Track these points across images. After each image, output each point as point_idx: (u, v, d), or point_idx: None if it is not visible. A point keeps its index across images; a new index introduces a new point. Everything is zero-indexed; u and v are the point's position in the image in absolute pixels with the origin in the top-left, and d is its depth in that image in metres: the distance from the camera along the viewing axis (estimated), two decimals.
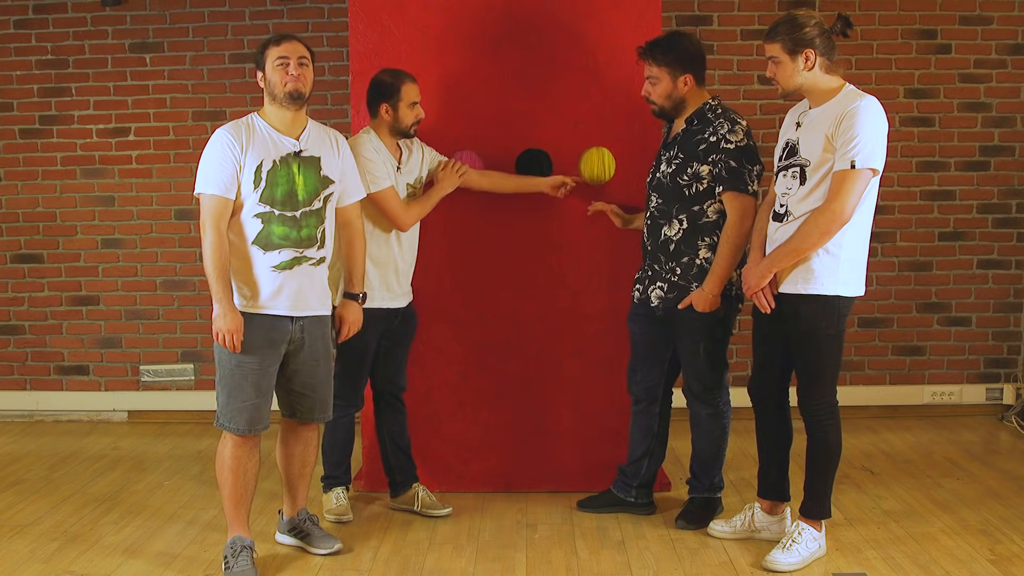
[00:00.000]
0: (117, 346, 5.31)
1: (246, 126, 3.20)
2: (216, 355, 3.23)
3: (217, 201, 3.11)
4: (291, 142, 3.23)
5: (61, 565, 3.39)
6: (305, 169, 3.24)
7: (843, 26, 3.17)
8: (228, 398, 3.20)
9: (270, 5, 5.10)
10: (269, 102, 3.24)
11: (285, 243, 3.19)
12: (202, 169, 3.16)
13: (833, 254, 3.15)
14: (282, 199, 3.18)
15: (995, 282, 5.20)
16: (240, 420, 3.20)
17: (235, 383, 3.18)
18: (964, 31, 5.05)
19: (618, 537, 3.60)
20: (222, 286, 3.10)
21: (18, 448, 4.86)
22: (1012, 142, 5.12)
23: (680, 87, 3.50)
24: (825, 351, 3.25)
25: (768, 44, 3.19)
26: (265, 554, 3.44)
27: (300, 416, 3.39)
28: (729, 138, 3.42)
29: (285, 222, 3.18)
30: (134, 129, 5.17)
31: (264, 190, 3.16)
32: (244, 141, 3.15)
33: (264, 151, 3.18)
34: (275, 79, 3.19)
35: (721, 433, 3.70)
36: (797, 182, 3.19)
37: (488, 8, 3.89)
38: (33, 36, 5.14)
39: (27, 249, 5.28)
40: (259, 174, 3.15)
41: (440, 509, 3.81)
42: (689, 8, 5.04)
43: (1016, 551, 3.42)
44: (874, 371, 5.24)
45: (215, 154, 3.14)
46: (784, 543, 3.33)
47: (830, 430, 3.29)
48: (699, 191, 3.48)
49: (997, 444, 4.80)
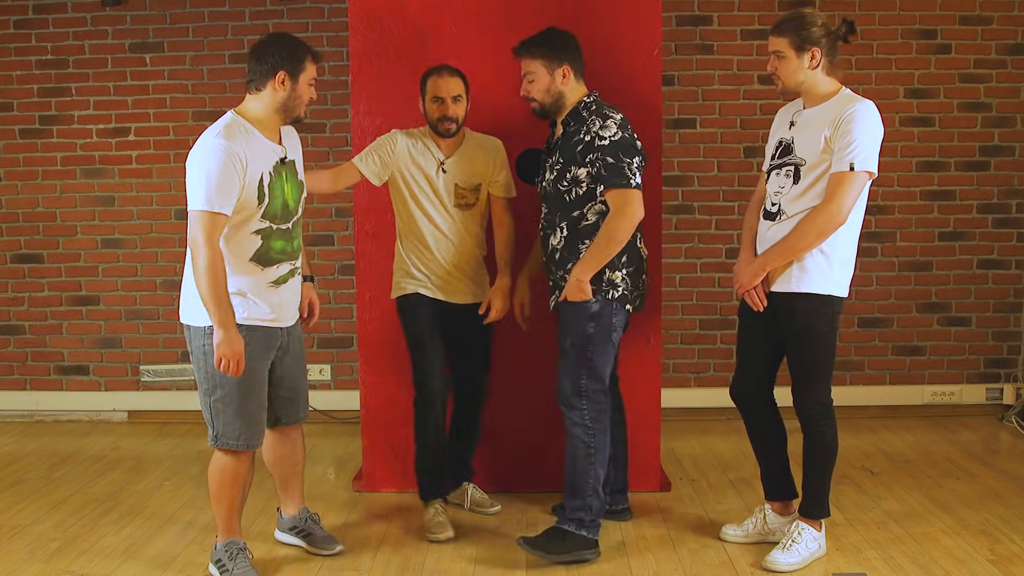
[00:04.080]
0: (117, 346, 5.31)
1: (242, 134, 2.97)
2: (211, 375, 3.04)
3: (219, 220, 2.90)
4: (278, 149, 3.08)
5: (61, 565, 3.39)
6: (290, 176, 3.11)
7: (847, 31, 3.17)
8: (235, 415, 3.06)
9: (270, 5, 5.10)
10: (271, 109, 3.05)
11: (283, 257, 3.10)
12: (204, 184, 2.88)
13: (827, 254, 3.16)
14: (280, 212, 3.06)
15: (995, 282, 5.20)
16: (248, 435, 3.10)
17: (242, 397, 3.06)
18: (964, 31, 5.05)
19: (618, 537, 3.60)
20: (223, 309, 2.92)
21: (18, 448, 4.86)
22: (1012, 142, 5.12)
23: (558, 80, 3.40)
24: (820, 350, 3.25)
25: (775, 38, 3.18)
26: (265, 554, 3.44)
27: (286, 421, 3.32)
28: (602, 134, 3.28)
29: (282, 235, 3.08)
30: (134, 129, 5.17)
31: (267, 205, 3.01)
32: (246, 154, 2.93)
33: (262, 162, 3.00)
34: (304, 97, 3.06)
35: (586, 454, 3.35)
36: (791, 181, 3.19)
37: (488, 8, 3.89)
38: (33, 36, 5.14)
39: (27, 249, 5.28)
40: (262, 189, 2.98)
41: (490, 507, 3.87)
42: (689, 8, 5.04)
43: (1016, 551, 3.42)
44: (874, 371, 5.24)
45: (220, 169, 2.88)
46: (784, 543, 3.33)
47: (826, 429, 3.29)
48: (579, 195, 3.34)
49: (997, 444, 4.80)
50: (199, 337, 3.05)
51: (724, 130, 5.07)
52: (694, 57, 5.06)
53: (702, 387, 5.20)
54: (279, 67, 3.02)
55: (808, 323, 3.22)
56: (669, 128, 4.99)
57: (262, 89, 3.05)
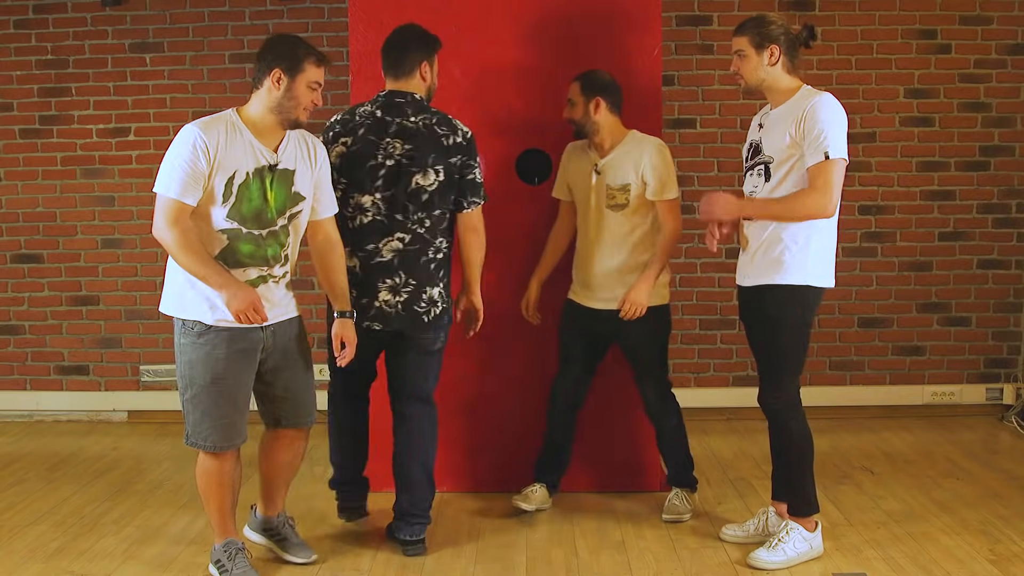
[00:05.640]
0: (117, 346, 5.31)
1: (226, 128, 2.94)
2: (184, 373, 3.04)
3: (178, 205, 2.87)
4: (269, 154, 3.00)
5: (61, 565, 3.39)
6: (278, 184, 3.01)
7: (808, 35, 3.25)
8: (203, 416, 3.03)
9: (270, 5, 5.10)
10: (265, 109, 3.00)
11: (251, 262, 3.01)
12: (166, 167, 2.89)
13: (802, 247, 3.17)
14: (251, 216, 2.97)
15: (995, 282, 5.20)
16: (216, 437, 3.05)
17: (211, 401, 3.02)
18: (964, 31, 5.05)
19: (618, 537, 3.60)
20: (214, 270, 2.90)
21: (18, 448, 4.86)
22: (1012, 142, 5.12)
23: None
24: (788, 342, 3.24)
25: (737, 38, 3.27)
26: (264, 554, 3.43)
27: (286, 423, 3.26)
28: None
29: (252, 240, 2.99)
30: (134, 129, 5.17)
31: (233, 206, 2.94)
32: (219, 145, 2.90)
33: (239, 161, 2.93)
34: (303, 100, 2.99)
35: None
36: (763, 179, 3.25)
37: (488, 9, 3.89)
38: (33, 36, 5.15)
39: (27, 249, 5.28)
40: (230, 187, 2.92)
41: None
42: (689, 8, 5.04)
43: (1016, 551, 3.42)
44: (874, 371, 5.24)
45: (182, 155, 2.88)
46: (770, 542, 3.32)
47: (792, 424, 3.28)
48: None
49: (997, 444, 4.80)
50: (178, 332, 3.05)
51: (724, 130, 5.08)
52: (694, 57, 5.06)
53: (702, 387, 5.20)
54: (275, 64, 2.98)
55: (778, 312, 3.22)
56: (669, 128, 4.98)
57: (259, 88, 3.02)
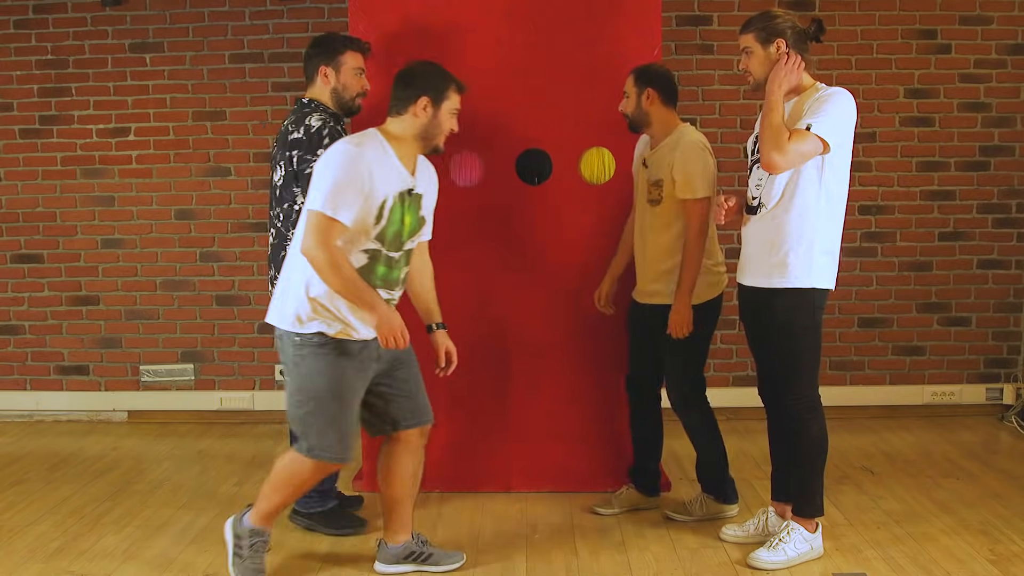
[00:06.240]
0: (117, 346, 5.31)
1: (378, 150, 2.98)
2: (303, 387, 3.01)
3: (334, 226, 2.87)
4: (409, 178, 3.05)
5: (61, 565, 3.39)
6: (412, 208, 3.06)
7: (816, 30, 3.22)
8: (328, 426, 3.01)
9: (270, 5, 5.10)
10: (410, 135, 3.05)
11: (382, 284, 3.04)
12: (322, 184, 2.88)
13: (808, 247, 3.17)
14: (391, 238, 3.02)
15: (995, 282, 5.20)
16: (343, 449, 3.04)
17: (338, 408, 3.01)
18: (964, 31, 5.05)
19: (618, 537, 3.60)
20: (365, 291, 2.93)
21: (18, 448, 4.86)
22: (1012, 142, 5.12)
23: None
24: (802, 345, 3.24)
25: (743, 36, 3.26)
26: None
27: (406, 423, 3.21)
28: None
29: (387, 262, 3.04)
30: (134, 129, 5.17)
31: (382, 227, 2.98)
32: (378, 170, 2.94)
33: (389, 183, 2.97)
34: (445, 126, 3.08)
35: None
36: (767, 173, 3.21)
37: (488, 8, 3.89)
38: (33, 36, 5.15)
39: (27, 249, 5.28)
40: (382, 210, 2.96)
41: None
42: (689, 8, 5.04)
43: (1016, 551, 3.42)
44: (874, 371, 5.24)
45: (342, 173, 2.89)
46: (771, 542, 3.32)
47: (812, 425, 3.27)
48: None
49: (997, 444, 4.80)
50: (290, 345, 3.01)
51: (724, 130, 5.07)
52: (694, 57, 5.06)
53: None
54: (422, 93, 3.03)
55: (788, 317, 3.21)
56: None
57: (403, 114, 3.05)
